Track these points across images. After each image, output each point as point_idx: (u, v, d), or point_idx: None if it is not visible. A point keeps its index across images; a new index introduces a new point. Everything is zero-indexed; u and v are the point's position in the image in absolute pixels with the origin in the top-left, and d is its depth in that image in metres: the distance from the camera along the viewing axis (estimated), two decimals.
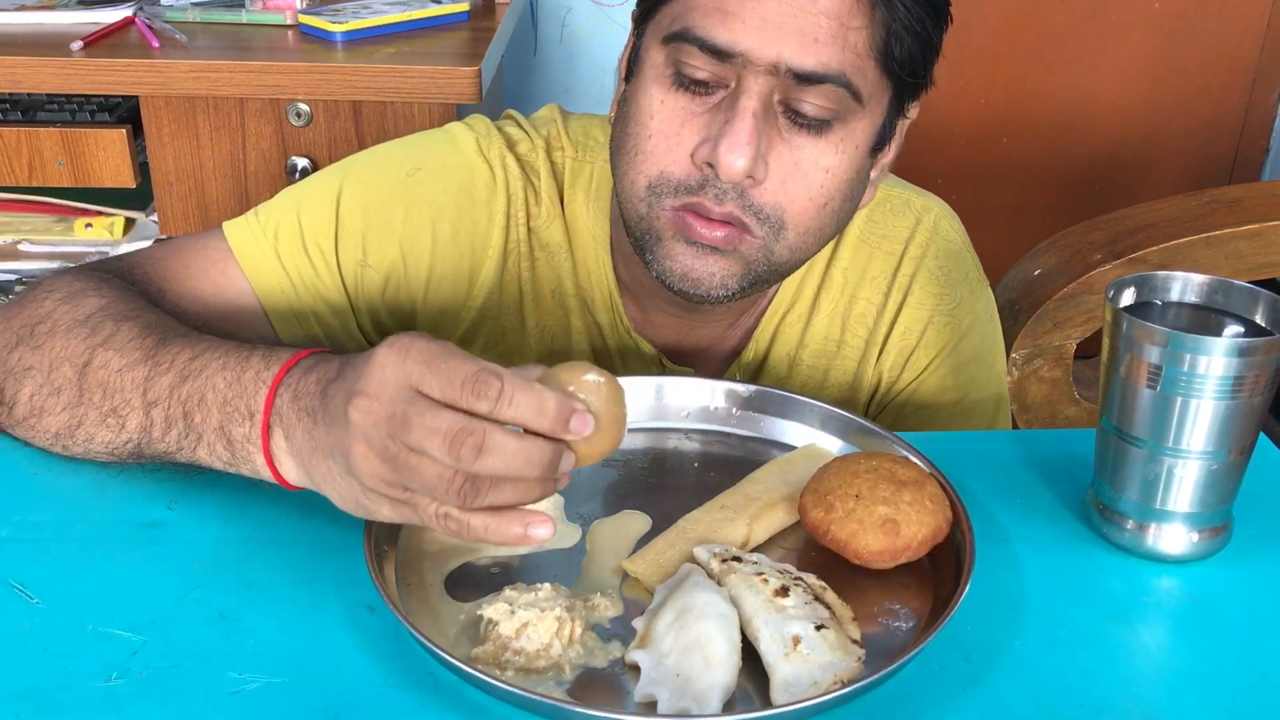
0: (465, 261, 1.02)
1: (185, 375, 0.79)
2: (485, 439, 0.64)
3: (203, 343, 0.80)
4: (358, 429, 0.67)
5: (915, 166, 2.64)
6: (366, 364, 0.68)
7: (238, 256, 0.99)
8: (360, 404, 0.67)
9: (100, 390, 0.81)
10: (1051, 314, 1.38)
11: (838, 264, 1.06)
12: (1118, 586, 0.78)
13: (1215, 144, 2.76)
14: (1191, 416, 0.76)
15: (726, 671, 0.67)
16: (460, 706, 0.66)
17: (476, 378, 0.64)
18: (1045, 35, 2.61)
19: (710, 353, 1.08)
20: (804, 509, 0.79)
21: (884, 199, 1.07)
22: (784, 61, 0.85)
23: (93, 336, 0.83)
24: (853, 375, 1.08)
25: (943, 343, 1.06)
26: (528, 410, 0.65)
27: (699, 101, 0.88)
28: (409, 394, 0.66)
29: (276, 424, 0.74)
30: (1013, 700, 0.68)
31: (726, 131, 0.85)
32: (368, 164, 1.04)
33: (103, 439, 0.82)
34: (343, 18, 1.78)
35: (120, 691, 0.66)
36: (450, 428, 0.64)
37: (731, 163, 0.85)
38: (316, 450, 0.71)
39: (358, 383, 0.67)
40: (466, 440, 0.64)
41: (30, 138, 1.71)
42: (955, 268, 1.07)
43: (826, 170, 0.89)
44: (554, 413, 0.66)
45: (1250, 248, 1.38)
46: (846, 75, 0.86)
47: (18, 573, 0.75)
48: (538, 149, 1.05)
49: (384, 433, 0.66)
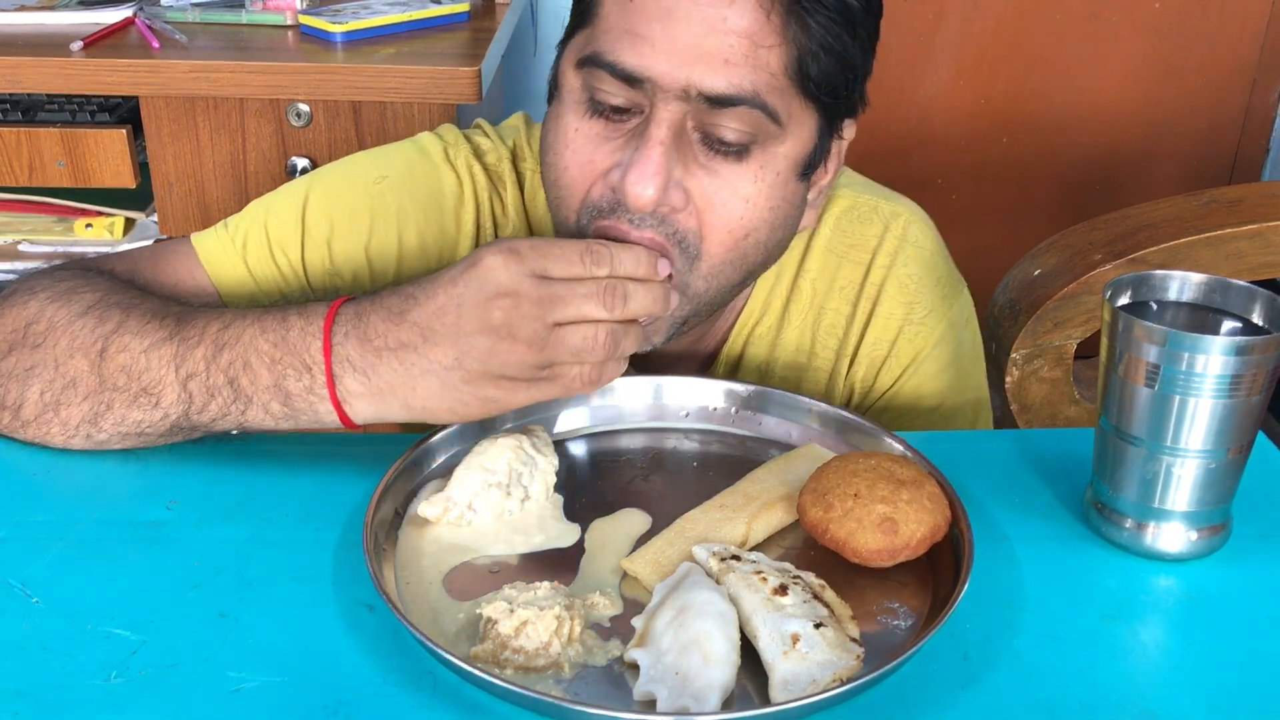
0: (433, 269, 1.01)
1: (220, 345, 0.81)
2: (624, 287, 0.78)
3: (228, 313, 0.83)
4: (502, 326, 0.76)
5: (915, 167, 2.66)
6: (475, 272, 0.77)
7: (205, 266, 0.99)
8: (502, 304, 0.76)
9: (124, 374, 0.82)
10: (1051, 314, 1.37)
11: (805, 274, 1.05)
12: (1116, 585, 0.78)
13: (1215, 144, 2.76)
14: (1190, 415, 0.76)
15: (725, 670, 0.67)
16: (459, 705, 0.66)
17: (588, 249, 0.77)
18: (1045, 35, 2.61)
19: (681, 363, 1.06)
20: (803, 508, 0.79)
21: (851, 206, 1.05)
22: (694, 85, 0.82)
23: (102, 325, 0.84)
24: (825, 386, 1.07)
25: (915, 351, 1.05)
26: (632, 264, 0.79)
27: (613, 128, 0.86)
28: (541, 282, 0.76)
29: (345, 370, 0.79)
30: (1011, 699, 0.68)
31: (635, 161, 0.83)
32: (335, 173, 1.04)
33: (135, 419, 0.83)
34: (343, 18, 1.78)
35: (119, 691, 0.66)
36: (597, 290, 0.77)
37: (639, 193, 0.83)
38: (420, 376, 0.78)
39: (481, 289, 0.76)
40: (614, 293, 0.77)
41: (30, 138, 1.71)
42: (926, 274, 1.05)
43: (746, 200, 0.87)
44: (647, 260, 0.80)
45: (1250, 248, 1.37)
46: (761, 96, 0.83)
47: (17, 572, 0.75)
48: (504, 158, 1.05)
49: (533, 318, 0.75)
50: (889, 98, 2.58)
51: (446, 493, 0.81)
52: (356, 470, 0.85)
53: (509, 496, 0.82)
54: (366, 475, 0.83)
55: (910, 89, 2.62)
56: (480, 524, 0.81)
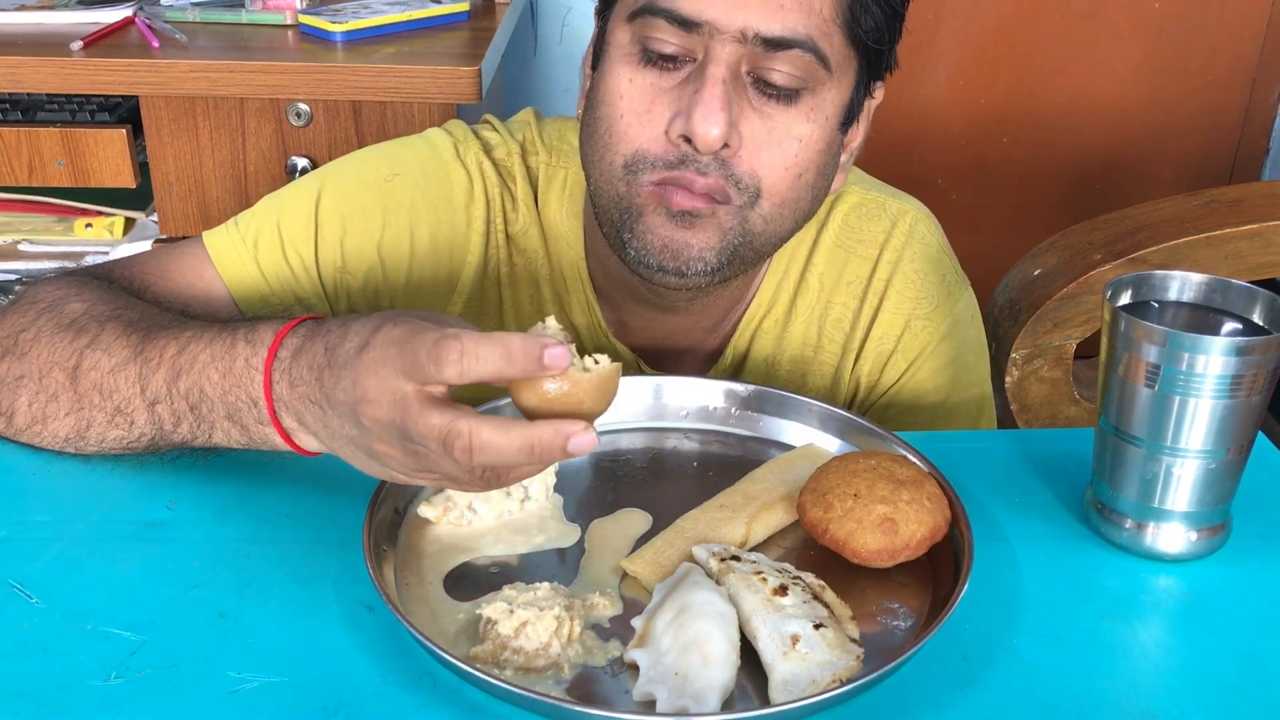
0: (444, 267, 1.02)
1: (177, 371, 0.79)
2: (471, 440, 0.64)
3: (185, 333, 0.81)
4: (371, 433, 0.69)
5: (916, 167, 2.66)
6: (358, 366, 0.68)
7: (217, 265, 0.99)
8: (366, 411, 0.68)
9: (97, 392, 0.82)
10: (1051, 314, 1.37)
11: (813, 269, 1.06)
12: (1116, 585, 0.78)
13: (1215, 144, 2.76)
14: (1190, 415, 0.76)
15: (725, 670, 0.67)
16: (459, 705, 0.66)
17: (436, 346, 0.64)
18: (1045, 35, 2.61)
19: (688, 357, 1.07)
20: (803, 508, 0.79)
21: (859, 203, 1.07)
22: (750, 28, 0.85)
23: (78, 339, 0.83)
24: (830, 380, 1.07)
25: (920, 347, 1.06)
26: (496, 361, 0.64)
27: (667, 77, 0.88)
28: (401, 397, 0.66)
29: (283, 410, 0.75)
30: (1011, 699, 0.68)
31: (698, 101, 0.85)
32: (346, 170, 1.04)
33: (115, 437, 0.83)
34: (343, 18, 1.78)
35: (119, 691, 0.66)
36: (440, 432, 0.65)
37: (706, 131, 0.85)
38: (335, 435, 0.73)
39: (355, 389, 0.68)
40: (455, 444, 0.64)
41: (30, 138, 1.71)
42: (932, 271, 1.07)
43: (800, 140, 0.89)
44: (521, 354, 0.64)
45: (1250, 248, 1.37)
46: (814, 40, 0.86)
47: (17, 572, 0.75)
48: (514, 154, 1.05)
49: (396, 434, 0.67)
50: (889, 98, 2.57)
51: (446, 493, 0.81)
52: (357, 471, 0.85)
53: (509, 496, 0.82)
54: (366, 476, 0.83)
55: (910, 89, 2.62)
56: (480, 524, 0.81)
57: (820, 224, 1.06)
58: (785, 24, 0.85)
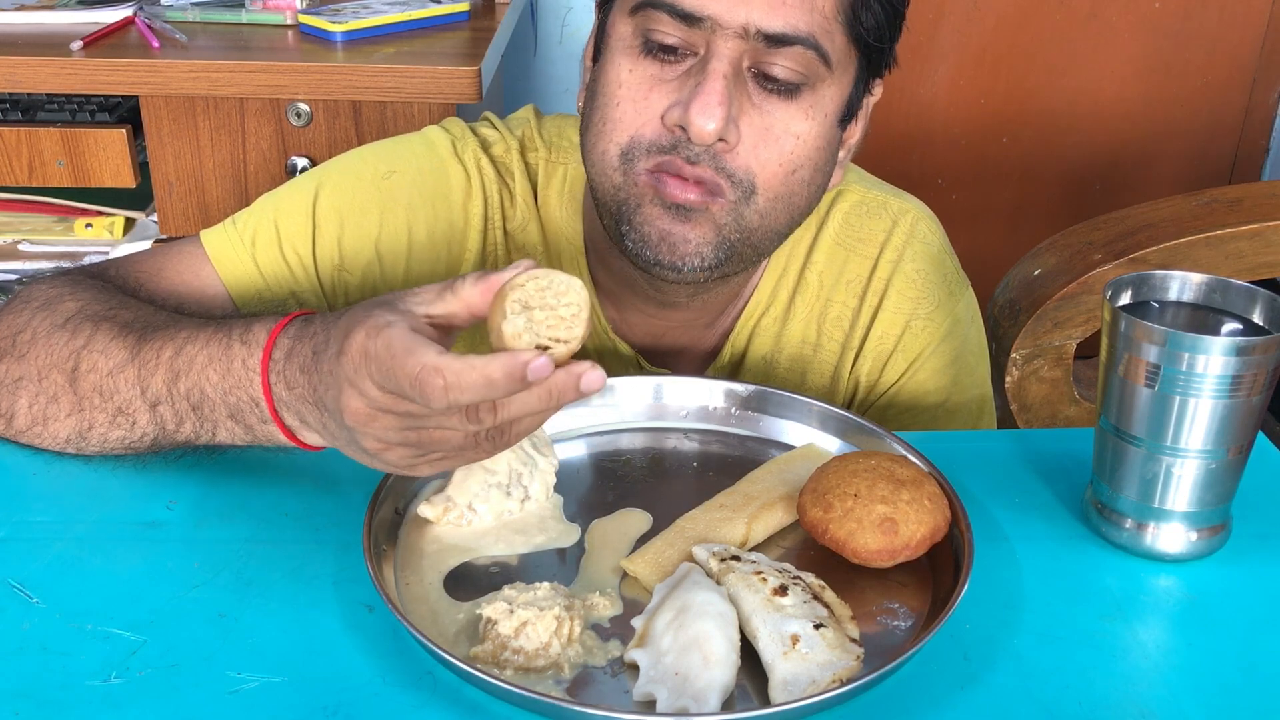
0: (442, 264, 1.02)
1: (176, 372, 0.79)
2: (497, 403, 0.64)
3: (181, 333, 0.80)
4: (367, 435, 0.68)
5: (916, 166, 2.65)
6: (338, 375, 0.68)
7: (214, 263, 0.99)
8: (350, 420, 0.68)
9: (98, 394, 0.82)
10: (1051, 314, 1.37)
11: (813, 267, 1.06)
12: (1116, 585, 0.78)
13: (1215, 144, 2.76)
14: (1190, 415, 0.76)
15: (725, 670, 0.67)
16: (459, 705, 0.66)
17: (419, 381, 0.63)
18: (1045, 35, 2.61)
19: (687, 354, 1.07)
20: (802, 508, 0.79)
21: (860, 201, 1.07)
22: (753, 24, 0.85)
23: (73, 340, 0.83)
24: (829, 379, 1.07)
25: (920, 346, 1.06)
26: (479, 390, 0.63)
27: (668, 69, 0.88)
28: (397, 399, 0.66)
29: (284, 409, 0.75)
30: (1011, 699, 0.68)
31: (698, 94, 0.86)
32: (343, 168, 1.04)
33: (118, 437, 0.83)
34: (343, 18, 1.78)
35: (119, 691, 0.66)
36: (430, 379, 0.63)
37: (703, 125, 0.85)
38: (334, 435, 0.73)
39: (338, 399, 0.68)
40: (481, 406, 0.64)
41: (30, 138, 1.71)
42: (933, 270, 1.07)
43: (797, 136, 0.89)
44: (504, 380, 0.63)
45: (1250, 248, 1.37)
46: (815, 37, 0.87)
47: (17, 572, 0.75)
48: (512, 150, 1.05)
49: (398, 428, 0.67)
50: (889, 98, 2.57)
51: (446, 493, 0.81)
52: (356, 470, 0.85)
53: (509, 496, 0.81)
54: (366, 475, 0.83)
55: (910, 89, 2.62)
56: (480, 524, 0.81)
57: (820, 222, 1.06)
58: (787, 20, 0.86)
